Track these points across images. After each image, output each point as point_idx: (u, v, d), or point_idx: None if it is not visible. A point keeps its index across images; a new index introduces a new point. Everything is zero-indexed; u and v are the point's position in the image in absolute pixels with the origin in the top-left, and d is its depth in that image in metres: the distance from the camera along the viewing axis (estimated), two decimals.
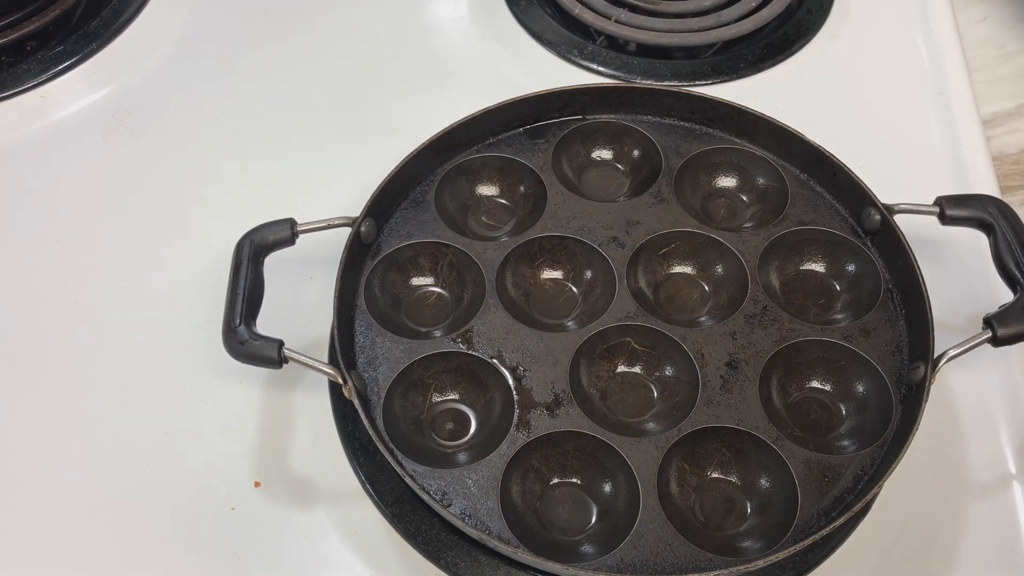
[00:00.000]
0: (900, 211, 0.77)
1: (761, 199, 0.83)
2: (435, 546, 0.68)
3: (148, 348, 0.80)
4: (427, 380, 0.72)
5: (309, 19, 1.04)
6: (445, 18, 1.05)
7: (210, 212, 0.88)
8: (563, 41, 1.00)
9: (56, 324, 0.81)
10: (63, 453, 0.75)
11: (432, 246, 0.78)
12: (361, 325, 0.74)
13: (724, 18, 1.00)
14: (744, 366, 0.72)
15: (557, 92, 0.85)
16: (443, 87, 0.98)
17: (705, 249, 0.79)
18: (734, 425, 0.69)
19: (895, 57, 1.01)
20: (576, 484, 0.69)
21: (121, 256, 0.85)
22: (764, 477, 0.68)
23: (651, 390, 0.73)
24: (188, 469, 0.74)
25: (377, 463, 0.71)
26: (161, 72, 0.99)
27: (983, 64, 1.01)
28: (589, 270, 0.78)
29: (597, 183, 0.85)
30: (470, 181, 0.84)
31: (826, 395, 0.73)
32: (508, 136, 0.85)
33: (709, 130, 0.86)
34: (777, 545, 0.64)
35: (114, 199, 0.89)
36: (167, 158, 0.92)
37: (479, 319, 0.74)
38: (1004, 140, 0.96)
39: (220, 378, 0.77)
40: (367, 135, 0.94)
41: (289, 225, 0.74)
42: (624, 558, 0.64)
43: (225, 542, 0.71)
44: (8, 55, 0.98)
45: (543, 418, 0.69)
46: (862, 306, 0.76)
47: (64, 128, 0.94)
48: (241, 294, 0.70)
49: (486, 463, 0.67)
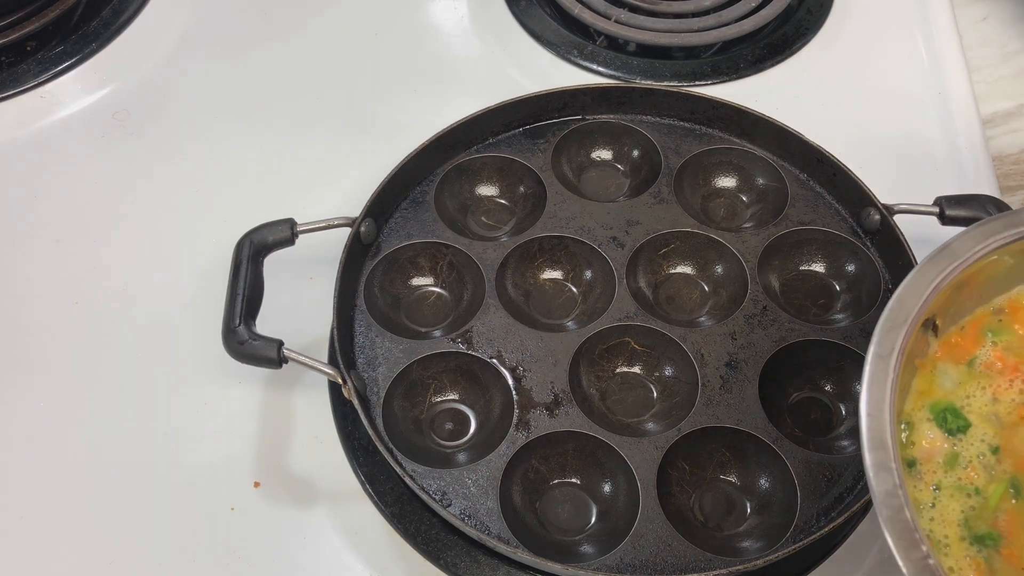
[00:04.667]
0: (900, 211, 0.77)
1: (761, 199, 0.83)
2: (435, 546, 0.68)
3: (148, 348, 0.80)
4: (427, 380, 0.72)
5: (309, 19, 1.04)
6: (445, 18, 1.05)
7: (210, 212, 0.88)
8: (563, 41, 1.00)
9: (56, 324, 0.81)
10: (62, 453, 0.75)
11: (432, 246, 0.78)
12: (361, 325, 0.74)
13: (724, 18, 1.00)
14: (744, 366, 0.72)
15: (557, 92, 0.85)
16: (443, 87, 0.98)
17: (705, 249, 0.79)
18: (734, 425, 0.69)
19: (895, 57, 1.01)
20: (576, 484, 0.69)
21: (121, 256, 0.85)
22: (764, 477, 0.68)
23: (651, 390, 0.73)
24: (188, 469, 0.74)
25: (377, 463, 0.71)
26: (161, 72, 0.99)
27: (983, 64, 1.01)
28: (589, 270, 0.78)
29: (597, 183, 0.85)
30: (470, 181, 0.84)
31: (826, 395, 0.73)
32: (508, 136, 0.85)
33: (709, 130, 0.86)
34: (777, 545, 0.64)
35: (114, 199, 0.89)
36: (167, 158, 0.92)
37: (479, 319, 0.74)
38: (1004, 140, 0.96)
39: (220, 378, 0.77)
40: (367, 135, 0.94)
41: (289, 225, 0.74)
42: (624, 558, 0.64)
43: (225, 542, 0.71)
44: (8, 55, 0.98)
45: (543, 418, 0.69)
46: (862, 306, 0.76)
47: (64, 128, 0.94)
48: (241, 294, 0.70)
49: (485, 463, 0.67)
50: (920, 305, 0.54)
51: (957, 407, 0.57)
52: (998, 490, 0.54)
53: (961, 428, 0.56)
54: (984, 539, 0.53)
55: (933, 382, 0.57)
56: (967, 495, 0.54)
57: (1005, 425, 0.56)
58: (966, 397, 0.57)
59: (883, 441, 0.50)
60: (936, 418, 0.56)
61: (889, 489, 0.49)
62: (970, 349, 0.59)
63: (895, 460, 0.50)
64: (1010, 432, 0.56)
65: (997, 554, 0.52)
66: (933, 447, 0.55)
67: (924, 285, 0.55)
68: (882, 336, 0.53)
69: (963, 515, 0.54)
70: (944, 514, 0.53)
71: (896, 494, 0.49)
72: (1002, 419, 0.56)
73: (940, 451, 0.55)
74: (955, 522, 0.53)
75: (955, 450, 0.55)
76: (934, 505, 0.54)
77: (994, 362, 0.58)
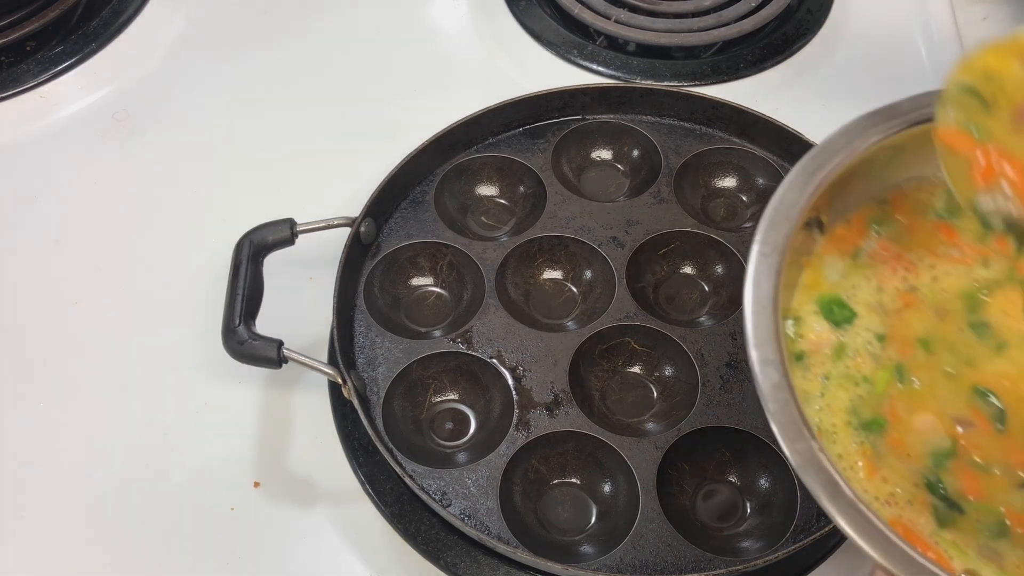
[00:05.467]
0: None
1: (761, 199, 0.83)
2: (435, 546, 0.68)
3: (147, 348, 0.80)
4: (426, 380, 0.72)
5: (309, 19, 1.04)
6: (445, 18, 1.05)
7: (209, 212, 0.88)
8: (563, 41, 1.00)
9: (55, 324, 0.81)
10: (62, 453, 0.75)
11: (432, 246, 0.78)
12: (360, 325, 0.74)
13: (724, 18, 1.00)
14: (744, 366, 0.72)
15: (557, 92, 0.85)
16: (443, 87, 0.98)
17: (705, 249, 0.79)
18: (734, 425, 0.69)
19: (895, 57, 1.01)
20: (576, 484, 0.69)
21: (120, 256, 0.85)
22: (764, 477, 0.68)
23: (651, 390, 0.73)
24: (187, 469, 0.74)
25: (376, 463, 0.71)
26: (161, 72, 0.99)
27: None
28: (589, 270, 0.78)
29: (597, 183, 0.85)
30: (470, 181, 0.84)
31: None
32: (508, 136, 0.85)
33: (709, 130, 0.86)
34: (777, 545, 0.64)
35: (113, 199, 0.89)
36: (166, 158, 0.92)
37: (479, 319, 0.74)
38: None
39: (219, 378, 0.77)
40: (367, 135, 0.94)
41: (289, 225, 0.74)
42: (624, 558, 0.64)
43: (225, 542, 0.71)
44: (8, 55, 0.98)
45: (543, 418, 0.69)
46: None
47: (64, 128, 0.94)
48: (240, 294, 0.70)
49: (485, 463, 0.67)
50: (803, 202, 0.54)
51: (843, 298, 0.56)
52: (883, 376, 0.54)
53: (847, 319, 0.56)
54: (871, 425, 0.53)
55: (820, 275, 0.57)
56: (855, 383, 0.54)
57: (890, 313, 0.56)
58: (852, 288, 0.57)
59: (767, 337, 0.50)
60: (823, 310, 0.56)
61: (775, 383, 0.49)
62: (855, 241, 0.58)
63: (781, 353, 0.50)
64: (895, 319, 0.56)
65: (882, 440, 0.52)
66: (820, 339, 0.55)
67: (804, 181, 0.54)
68: (764, 235, 0.53)
69: (851, 403, 0.53)
70: (832, 403, 0.53)
71: (782, 386, 0.49)
72: (887, 307, 0.56)
73: (828, 343, 0.55)
74: (843, 410, 0.53)
75: (842, 340, 0.55)
76: (823, 395, 0.53)
77: (878, 252, 0.58)
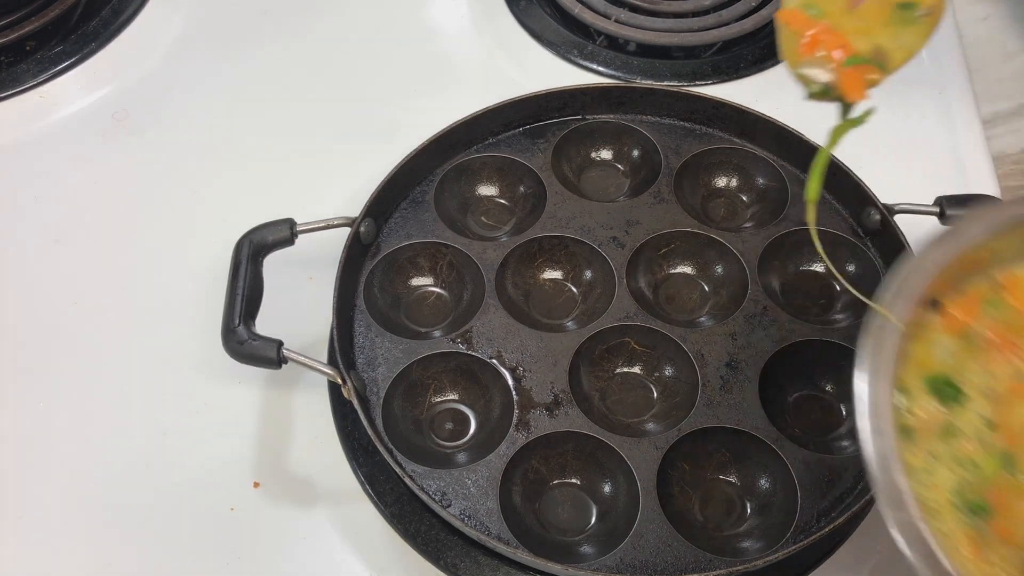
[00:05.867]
0: (900, 211, 0.77)
1: (761, 199, 0.83)
2: (434, 546, 0.68)
3: (147, 348, 0.80)
4: (426, 380, 0.72)
5: (309, 19, 1.04)
6: (445, 18, 1.05)
7: (209, 212, 0.88)
8: (563, 41, 1.00)
9: (55, 324, 0.81)
10: (62, 453, 0.75)
11: (431, 246, 0.78)
12: (360, 325, 0.74)
13: (724, 18, 1.00)
14: (744, 366, 0.72)
15: (557, 92, 0.85)
16: (443, 87, 0.98)
17: (705, 249, 0.79)
18: (734, 425, 0.69)
19: None
20: (576, 484, 0.69)
21: (120, 256, 0.85)
22: (764, 477, 0.68)
23: (651, 390, 0.73)
24: (187, 469, 0.74)
25: (376, 463, 0.71)
26: (161, 72, 0.99)
27: (983, 64, 1.01)
28: (589, 270, 0.78)
29: (597, 183, 0.85)
30: (470, 181, 0.83)
31: (826, 395, 0.73)
32: (508, 136, 0.85)
33: (709, 130, 0.86)
34: (777, 545, 0.64)
35: (113, 199, 0.89)
36: (166, 158, 0.92)
37: (479, 319, 0.74)
38: (1004, 140, 0.96)
39: (219, 378, 0.77)
40: (367, 135, 0.94)
41: (288, 225, 0.74)
42: (624, 558, 0.64)
43: (224, 542, 0.71)
44: (7, 55, 0.98)
45: (542, 418, 0.69)
46: (862, 306, 0.75)
47: (63, 128, 0.94)
48: (240, 294, 0.70)
49: (485, 463, 0.67)
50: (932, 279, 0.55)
51: (953, 379, 0.57)
52: (991, 463, 0.54)
53: (956, 399, 0.56)
54: (976, 509, 0.53)
55: (930, 353, 0.57)
56: (961, 465, 0.54)
57: (999, 399, 0.56)
58: (962, 369, 0.57)
59: (882, 406, 0.51)
60: (932, 388, 0.56)
61: (884, 452, 0.49)
62: (967, 321, 0.59)
63: (892, 425, 0.50)
64: (1004, 406, 0.56)
65: (987, 525, 0.53)
66: (929, 416, 0.55)
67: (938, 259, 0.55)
68: (891, 303, 0.54)
69: (957, 484, 0.54)
70: (938, 481, 0.54)
71: (889, 456, 0.49)
72: (997, 393, 0.56)
73: (936, 421, 0.55)
74: (948, 489, 0.54)
75: (951, 420, 0.55)
76: (928, 472, 0.54)
77: (990, 336, 0.58)
